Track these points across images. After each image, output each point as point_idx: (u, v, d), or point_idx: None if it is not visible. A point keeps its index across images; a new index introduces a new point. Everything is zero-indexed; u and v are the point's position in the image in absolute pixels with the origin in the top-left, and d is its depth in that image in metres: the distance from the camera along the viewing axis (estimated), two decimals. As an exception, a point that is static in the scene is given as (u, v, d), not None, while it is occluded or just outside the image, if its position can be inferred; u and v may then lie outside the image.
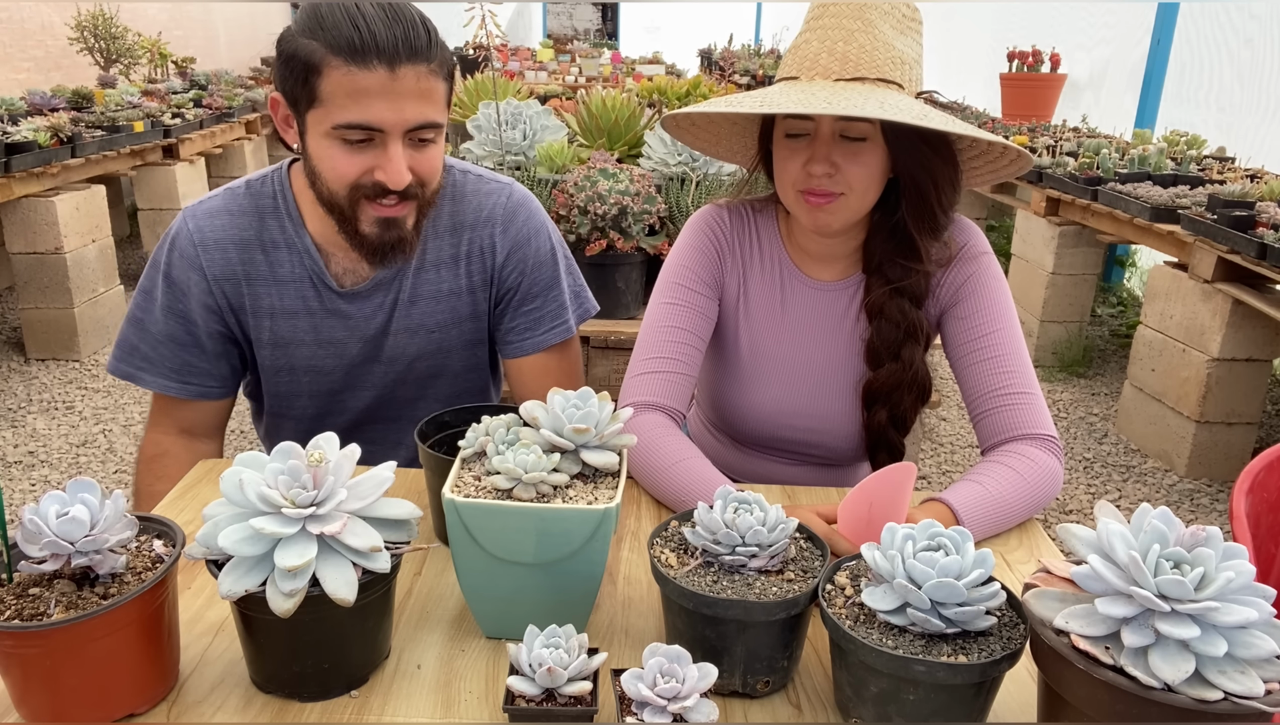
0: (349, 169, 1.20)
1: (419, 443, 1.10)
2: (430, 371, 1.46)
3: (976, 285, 1.31)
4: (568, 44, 10.46)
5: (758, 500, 0.90)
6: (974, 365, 1.29)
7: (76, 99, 4.97)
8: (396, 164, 1.19)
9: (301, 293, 1.36)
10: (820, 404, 1.39)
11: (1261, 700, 0.67)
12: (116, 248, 4.37)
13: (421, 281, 1.39)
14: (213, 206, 1.36)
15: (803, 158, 1.22)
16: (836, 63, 1.17)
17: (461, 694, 0.88)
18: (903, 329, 1.31)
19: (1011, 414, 1.24)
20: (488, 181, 1.44)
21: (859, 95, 1.13)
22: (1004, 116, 5.74)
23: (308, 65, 1.15)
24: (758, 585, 0.87)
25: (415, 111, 1.18)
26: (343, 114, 1.16)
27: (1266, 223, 2.80)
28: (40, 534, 0.79)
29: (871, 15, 1.18)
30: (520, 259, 1.43)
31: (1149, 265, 4.16)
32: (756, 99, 1.18)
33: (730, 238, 1.39)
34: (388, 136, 1.18)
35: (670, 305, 1.35)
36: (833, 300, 1.37)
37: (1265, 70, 4.32)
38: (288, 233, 1.35)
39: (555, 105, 3.72)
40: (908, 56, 1.19)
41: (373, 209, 1.23)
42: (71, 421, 3.47)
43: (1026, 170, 1.28)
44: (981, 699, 0.78)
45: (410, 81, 1.16)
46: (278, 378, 1.42)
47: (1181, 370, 3.14)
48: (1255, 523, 1.18)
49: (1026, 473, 1.19)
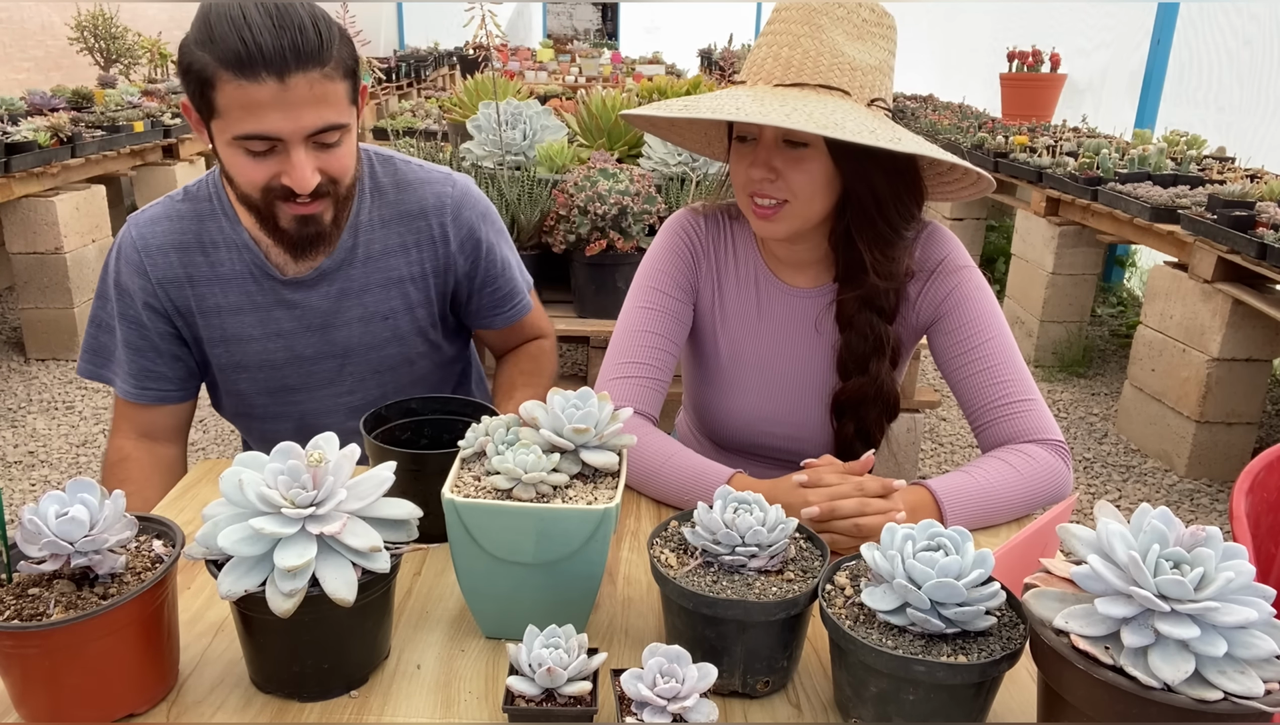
0: (256, 176, 1.21)
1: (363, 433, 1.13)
2: (387, 363, 1.47)
3: (960, 298, 1.29)
4: (568, 44, 10.47)
5: (757, 500, 0.90)
6: (969, 378, 1.27)
7: (76, 99, 4.97)
8: (300, 170, 1.19)
9: (245, 288, 1.38)
10: (798, 412, 1.38)
11: (1261, 700, 0.67)
12: (116, 248, 4.37)
13: (371, 270, 1.41)
14: (154, 214, 1.39)
15: (748, 161, 1.22)
16: (780, 68, 1.16)
17: (461, 694, 0.88)
18: (870, 342, 1.29)
19: (1014, 423, 1.23)
20: (430, 171, 1.47)
21: (789, 102, 1.11)
22: (1004, 116, 5.75)
23: (201, 79, 1.15)
24: (757, 585, 0.87)
25: (312, 117, 1.17)
26: (240, 126, 1.16)
27: (1266, 223, 2.80)
28: (40, 534, 0.79)
29: (821, 20, 1.16)
30: (474, 245, 1.47)
31: (1149, 265, 4.16)
32: (707, 104, 1.17)
33: (705, 242, 1.39)
34: (289, 144, 1.18)
35: (644, 309, 1.35)
36: (808, 307, 1.36)
37: (1265, 70, 4.32)
38: (225, 232, 1.37)
39: (555, 105, 3.72)
40: (860, 63, 1.16)
41: (289, 208, 1.25)
42: (71, 421, 3.47)
43: (987, 192, 1.26)
44: (981, 699, 0.78)
45: (303, 89, 1.14)
46: (233, 376, 1.44)
47: (1181, 370, 3.14)
48: (1255, 523, 1.18)
49: (1022, 467, 1.18)
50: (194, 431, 3.38)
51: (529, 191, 2.40)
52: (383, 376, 1.48)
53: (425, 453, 1.06)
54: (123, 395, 1.40)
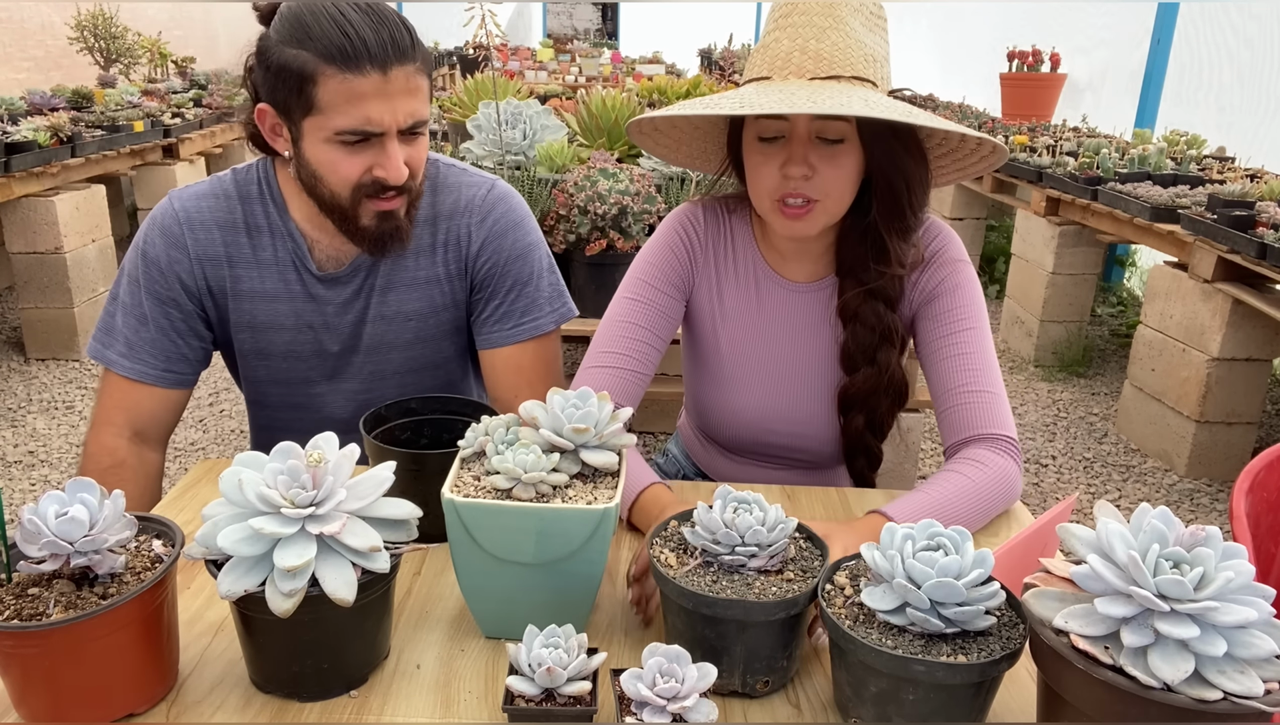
0: (351, 170, 1.24)
1: (363, 433, 1.13)
2: (409, 364, 1.46)
3: (950, 286, 1.29)
4: (568, 44, 10.46)
5: (757, 500, 0.90)
6: (941, 361, 1.27)
7: (76, 99, 4.97)
8: (395, 161, 1.24)
9: (283, 276, 1.38)
10: (801, 408, 1.38)
11: (1261, 700, 0.67)
12: (116, 248, 4.37)
13: (398, 269, 1.41)
14: (199, 190, 1.40)
15: (778, 161, 1.19)
16: (810, 61, 1.15)
17: (461, 694, 0.88)
18: (878, 333, 1.30)
19: (971, 412, 1.22)
20: (471, 175, 1.47)
21: (839, 93, 1.10)
22: (1004, 116, 5.75)
23: (301, 75, 1.18)
24: (757, 585, 0.87)
25: (407, 110, 1.23)
26: (343, 118, 1.20)
27: (1266, 222, 2.80)
28: (39, 534, 0.79)
29: (842, 12, 1.16)
30: (495, 250, 1.44)
31: (1149, 265, 4.16)
32: (734, 100, 1.14)
33: (704, 238, 1.38)
34: (385, 136, 1.22)
35: (632, 301, 1.34)
36: (809, 302, 1.36)
37: (1265, 71, 4.32)
38: (271, 217, 1.38)
39: (555, 105, 3.72)
40: (877, 54, 1.18)
41: (373, 205, 1.28)
42: (71, 421, 3.47)
43: (999, 165, 1.27)
44: (981, 699, 0.78)
45: (401, 82, 1.20)
46: (254, 362, 1.43)
47: (1181, 370, 3.14)
48: (1255, 523, 1.18)
49: (977, 477, 1.16)
50: (194, 431, 3.39)
51: (529, 191, 2.40)
52: (404, 377, 1.47)
53: (425, 453, 1.07)
54: (137, 377, 1.35)
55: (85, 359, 4.01)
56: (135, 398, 1.37)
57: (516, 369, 1.46)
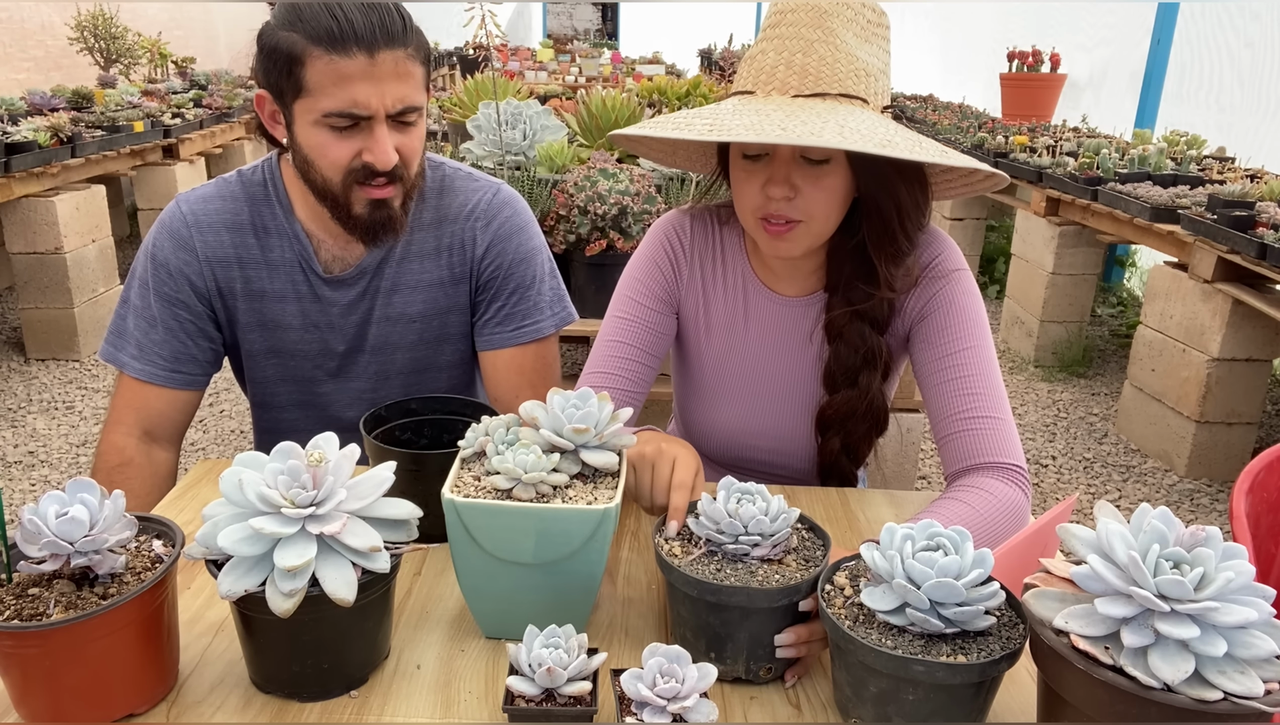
0: (340, 154, 1.25)
1: (363, 433, 1.13)
2: (415, 365, 1.47)
3: (945, 302, 1.23)
4: (568, 44, 10.47)
5: (760, 491, 0.92)
6: (940, 386, 1.20)
7: (76, 99, 4.97)
8: (383, 145, 1.24)
9: (290, 277, 1.40)
10: (781, 425, 1.35)
11: (1261, 700, 0.67)
12: (116, 248, 4.37)
13: (404, 271, 1.42)
14: (206, 192, 1.40)
15: (760, 180, 1.15)
16: (795, 77, 1.08)
17: (461, 694, 0.88)
18: (861, 354, 1.24)
19: (975, 439, 1.15)
20: (477, 179, 1.48)
21: (818, 116, 1.04)
22: (1004, 116, 5.75)
23: (290, 56, 1.20)
24: (760, 573, 0.88)
25: (396, 94, 1.22)
26: (329, 100, 1.20)
27: (1266, 223, 2.80)
28: (40, 534, 0.79)
29: (833, 23, 1.09)
30: (499, 254, 1.45)
31: (1149, 265, 4.16)
32: (707, 120, 1.08)
33: (690, 249, 1.35)
34: (373, 120, 1.23)
35: (620, 320, 1.33)
36: (797, 316, 1.32)
37: (1265, 71, 4.32)
38: (279, 219, 1.39)
39: (555, 105, 3.72)
40: (872, 67, 1.11)
41: (364, 192, 1.28)
42: (71, 421, 3.47)
43: (1000, 187, 1.20)
44: (981, 699, 0.78)
45: (389, 65, 1.21)
46: (261, 362, 1.44)
47: (1181, 370, 3.14)
48: (1255, 523, 1.18)
49: (980, 506, 1.08)
50: (194, 431, 3.39)
51: (529, 192, 2.40)
52: (410, 378, 1.47)
53: (425, 453, 1.07)
54: (147, 378, 1.36)
55: (85, 359, 4.01)
56: (145, 398, 1.38)
57: (517, 371, 1.47)
